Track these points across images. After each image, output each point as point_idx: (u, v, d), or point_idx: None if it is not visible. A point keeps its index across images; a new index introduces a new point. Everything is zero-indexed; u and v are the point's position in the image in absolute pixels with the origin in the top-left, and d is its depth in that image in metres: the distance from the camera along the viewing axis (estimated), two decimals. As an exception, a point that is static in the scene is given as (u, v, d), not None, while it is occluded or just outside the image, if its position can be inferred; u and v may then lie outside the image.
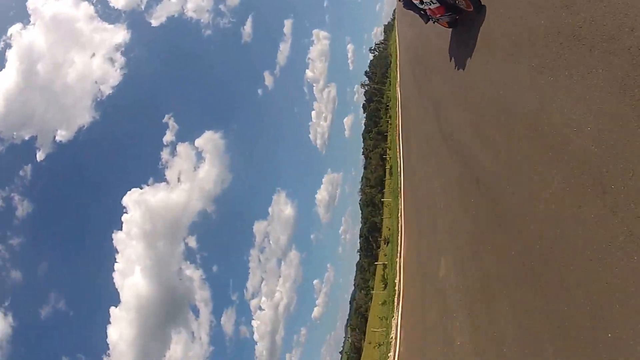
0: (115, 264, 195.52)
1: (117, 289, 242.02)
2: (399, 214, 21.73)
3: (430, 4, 6.68)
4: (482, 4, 6.20)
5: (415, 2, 6.83)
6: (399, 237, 20.22)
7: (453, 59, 7.60)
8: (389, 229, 37.76)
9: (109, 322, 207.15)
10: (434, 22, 7.64)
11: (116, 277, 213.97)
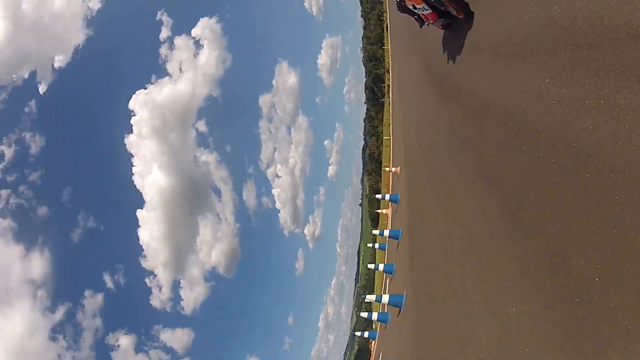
0: (133, 168, 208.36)
1: (139, 191, 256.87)
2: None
3: (423, 10, 6.92)
4: (472, 10, 6.37)
5: (409, 6, 7.04)
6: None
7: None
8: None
9: (138, 226, 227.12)
10: (428, 25, 7.93)
11: (136, 180, 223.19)
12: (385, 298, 11.81)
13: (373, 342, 20.27)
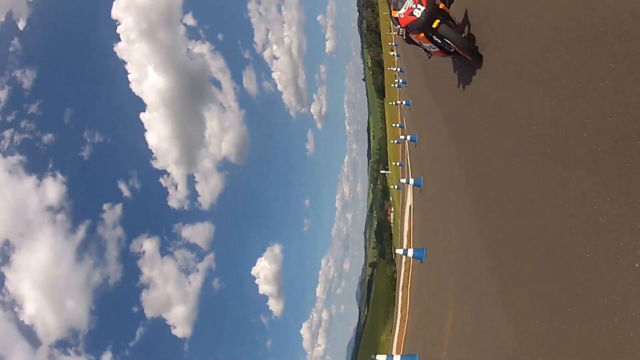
0: (128, 75, 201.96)
1: (139, 97, 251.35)
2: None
3: (430, 48, 6.81)
4: (480, 53, 6.23)
5: (416, 41, 6.95)
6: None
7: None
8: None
9: (145, 130, 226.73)
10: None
11: (133, 86, 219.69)
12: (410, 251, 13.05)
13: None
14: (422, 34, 6.47)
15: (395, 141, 28.06)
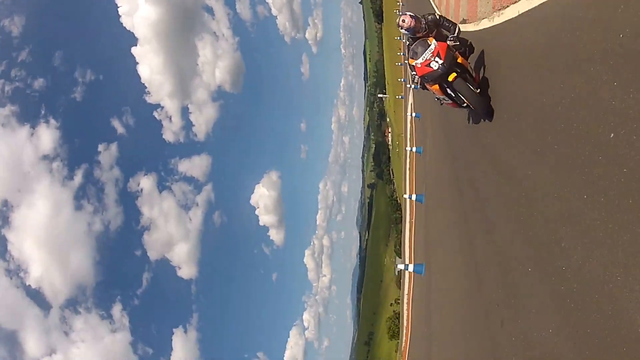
0: (119, 9, 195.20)
1: (130, 31, 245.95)
2: None
3: (443, 100, 6.95)
4: (492, 109, 6.25)
5: (430, 90, 7.06)
6: None
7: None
8: None
9: (136, 63, 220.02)
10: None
11: (124, 20, 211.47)
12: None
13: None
14: (437, 86, 6.45)
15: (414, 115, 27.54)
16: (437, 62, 6.17)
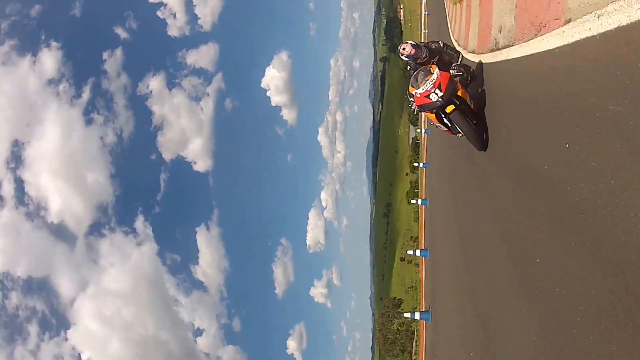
0: None
1: None
2: None
3: (440, 127, 7.04)
4: (486, 142, 6.30)
5: (427, 117, 7.12)
6: None
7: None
8: None
9: None
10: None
11: None
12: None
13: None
14: (433, 115, 6.49)
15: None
16: (436, 94, 6.14)
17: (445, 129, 6.77)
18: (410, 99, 6.80)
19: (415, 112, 7.55)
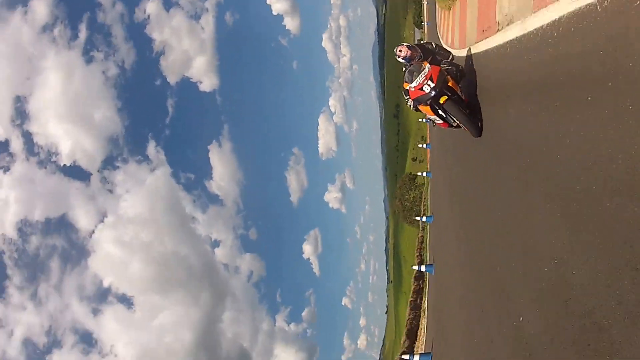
0: None
1: None
2: None
3: (435, 120, 7.15)
4: (481, 129, 6.38)
5: (422, 112, 7.22)
6: None
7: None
8: None
9: None
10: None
11: None
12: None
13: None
14: (428, 107, 6.77)
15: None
16: (429, 85, 6.46)
17: (441, 121, 7.10)
18: (406, 96, 7.15)
19: (411, 108, 7.40)
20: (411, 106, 7.23)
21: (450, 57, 7.72)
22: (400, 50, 7.48)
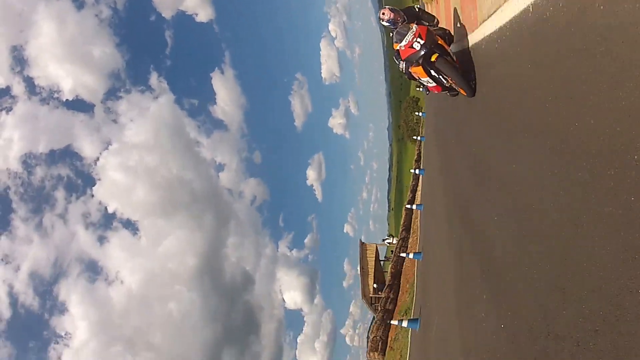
0: None
1: None
2: None
3: (428, 83, 6.99)
4: (474, 89, 6.29)
5: (415, 77, 7.09)
6: None
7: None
8: None
9: None
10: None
11: None
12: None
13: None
14: (420, 67, 6.61)
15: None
16: (419, 42, 6.37)
17: (434, 84, 6.93)
18: (397, 60, 7.00)
19: (404, 73, 7.15)
20: (403, 70, 7.08)
21: (436, 20, 7.71)
22: (384, 13, 7.45)
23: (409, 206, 22.70)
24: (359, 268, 31.63)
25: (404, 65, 6.85)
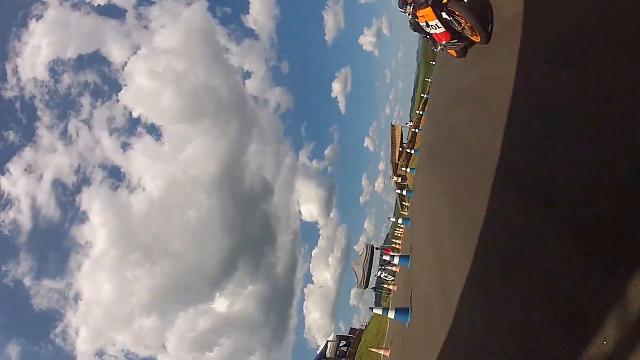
0: None
1: None
2: None
3: (435, 29, 6.25)
4: (489, 33, 5.52)
5: (421, 24, 6.41)
6: None
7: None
8: None
9: None
10: (441, 50, 7.28)
11: None
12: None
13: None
14: (430, 8, 6.02)
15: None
16: None
17: (442, 29, 6.24)
18: (401, 8, 6.72)
19: (410, 23, 6.84)
20: (410, 21, 6.69)
21: None
22: None
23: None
24: (390, 141, 48.60)
25: (411, 10, 6.52)
